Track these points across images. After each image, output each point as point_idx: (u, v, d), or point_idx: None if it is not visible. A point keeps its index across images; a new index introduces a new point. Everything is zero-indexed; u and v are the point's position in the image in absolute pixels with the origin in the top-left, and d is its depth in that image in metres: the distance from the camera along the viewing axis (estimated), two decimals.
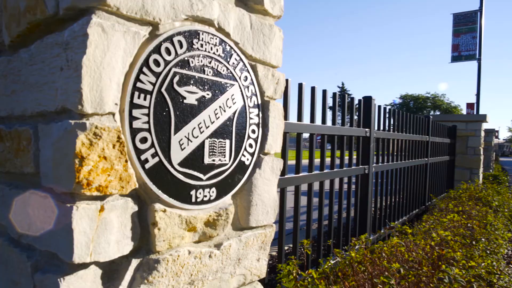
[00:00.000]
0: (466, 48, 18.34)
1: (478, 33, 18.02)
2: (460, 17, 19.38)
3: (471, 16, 18.89)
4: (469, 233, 3.31)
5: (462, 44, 18.68)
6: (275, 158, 1.34)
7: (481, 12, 18.26)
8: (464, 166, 7.50)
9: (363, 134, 3.47)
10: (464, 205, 4.66)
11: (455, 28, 19.31)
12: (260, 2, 1.25)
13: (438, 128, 6.18)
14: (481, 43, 17.46)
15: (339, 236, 3.21)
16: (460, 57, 18.28)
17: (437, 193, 6.24)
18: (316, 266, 2.74)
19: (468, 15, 19.12)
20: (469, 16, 19.03)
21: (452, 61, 18.72)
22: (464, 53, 18.30)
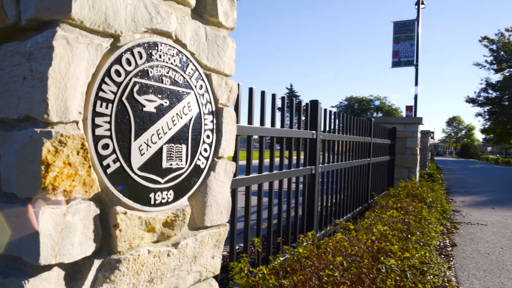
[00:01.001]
0: (405, 54, 19.55)
1: (415, 41, 19.28)
2: (400, 25, 20.60)
3: (410, 25, 20.15)
4: (405, 227, 3.61)
5: (401, 50, 19.87)
6: (228, 162, 1.43)
7: (418, 22, 19.54)
8: (403, 165, 8.05)
9: (310, 136, 3.66)
10: (402, 201, 5.03)
11: (395, 36, 20.50)
12: (215, 15, 1.34)
13: (380, 130, 6.59)
14: (418, 50, 18.71)
15: (288, 234, 3.37)
16: (400, 62, 19.45)
17: (379, 191, 6.66)
18: (267, 263, 2.86)
19: (406, 24, 20.38)
20: (407, 25, 20.28)
21: (392, 66, 19.88)
22: (403, 59, 19.50)
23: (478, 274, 3.99)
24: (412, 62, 18.89)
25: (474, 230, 6.01)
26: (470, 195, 10.60)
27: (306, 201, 3.69)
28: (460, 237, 5.56)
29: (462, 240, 5.38)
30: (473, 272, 4.05)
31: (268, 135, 2.92)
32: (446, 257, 4.54)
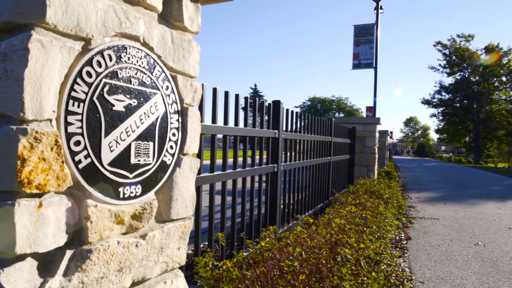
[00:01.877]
0: (365, 57, 20.24)
1: (374, 44, 20.00)
2: (360, 28, 21.28)
3: (369, 29, 20.88)
4: (363, 221, 3.81)
5: (361, 53, 20.55)
6: (193, 158, 1.51)
7: (377, 26, 20.29)
8: (362, 164, 8.39)
9: (273, 135, 3.79)
10: (361, 198, 5.27)
11: (355, 39, 21.17)
12: (180, 20, 1.42)
13: (340, 129, 6.85)
14: (377, 53, 19.44)
15: (251, 230, 3.48)
16: (360, 65, 20.12)
17: (340, 188, 6.92)
18: (231, 258, 2.96)
19: (366, 28, 21.09)
20: (367, 29, 20.99)
21: (353, 68, 20.53)
22: (363, 61, 20.18)
23: (429, 264, 4.28)
24: (371, 64, 19.59)
25: (427, 224, 6.39)
26: (425, 191, 11.18)
27: (269, 198, 3.82)
28: (415, 230, 5.90)
29: (416, 233, 5.71)
30: (425, 262, 4.33)
31: (232, 134, 3.01)
32: (401, 250, 4.82)
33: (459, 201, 9.32)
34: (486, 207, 8.40)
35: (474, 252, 4.80)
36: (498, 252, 4.80)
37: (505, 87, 41.40)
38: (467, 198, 9.98)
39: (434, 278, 3.83)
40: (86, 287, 1.05)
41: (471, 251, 4.82)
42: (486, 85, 41.17)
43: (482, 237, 5.56)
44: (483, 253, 4.76)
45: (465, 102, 43.56)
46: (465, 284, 3.68)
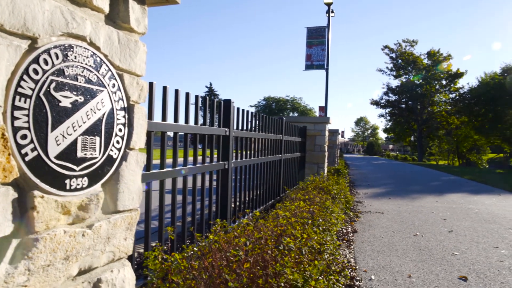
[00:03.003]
0: (317, 58, 20.83)
1: (326, 46, 20.64)
2: (312, 30, 21.85)
3: (321, 31, 21.49)
4: (310, 215, 4.01)
5: (314, 54, 21.12)
6: (140, 153, 1.59)
7: (328, 29, 20.95)
8: (313, 161, 8.71)
9: (223, 133, 3.89)
10: (309, 194, 5.50)
11: (308, 40, 21.71)
12: (127, 21, 1.49)
13: (291, 128, 7.09)
14: (328, 55, 20.08)
15: (202, 226, 3.56)
16: (312, 66, 20.69)
17: (291, 185, 7.15)
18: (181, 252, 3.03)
19: (318, 30, 21.69)
20: (319, 31, 21.60)
21: (306, 69, 21.06)
22: (316, 62, 20.76)
23: (372, 254, 4.57)
24: (323, 65, 20.21)
25: (372, 218, 6.76)
26: (372, 187, 11.76)
27: (220, 194, 3.92)
28: (361, 224, 6.24)
29: (362, 227, 6.04)
30: (369, 253, 4.62)
31: (182, 132, 3.08)
32: (348, 242, 5.09)
33: (402, 196, 9.92)
34: (425, 201, 9.01)
35: (413, 242, 5.18)
36: (433, 241, 5.21)
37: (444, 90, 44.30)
38: (409, 193, 10.63)
39: (376, 267, 4.11)
40: (33, 274, 1.10)
41: (410, 241, 5.20)
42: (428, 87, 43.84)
43: (421, 228, 5.99)
44: (420, 242, 5.15)
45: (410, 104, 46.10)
46: (403, 271, 3.99)
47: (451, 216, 7.14)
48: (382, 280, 3.73)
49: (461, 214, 7.31)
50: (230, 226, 3.48)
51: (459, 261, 4.36)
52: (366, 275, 3.85)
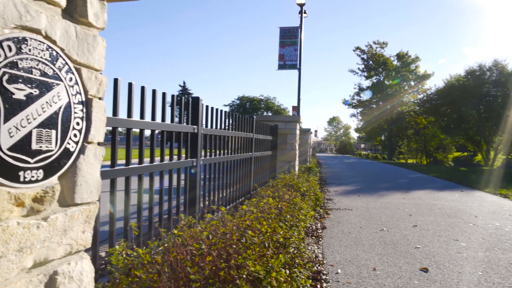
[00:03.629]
0: (290, 58, 21.03)
1: (299, 46, 20.87)
2: (285, 30, 22.04)
3: (294, 31, 21.72)
4: (278, 211, 4.09)
5: (286, 54, 21.32)
6: (98, 146, 1.59)
7: (301, 29, 21.19)
8: (284, 160, 8.81)
9: (192, 130, 3.91)
10: (279, 191, 5.59)
11: (281, 40, 21.90)
12: (85, 16, 1.50)
13: (262, 127, 7.15)
14: (301, 55, 20.32)
15: (170, 223, 3.56)
16: (285, 65, 20.88)
17: (262, 183, 7.22)
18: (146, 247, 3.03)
19: (291, 30, 21.91)
20: (292, 31, 21.82)
21: (279, 69, 21.22)
22: (288, 62, 20.96)
23: (340, 249, 4.69)
24: (296, 65, 20.42)
25: (342, 215, 6.92)
26: (343, 185, 12.01)
27: (188, 191, 3.93)
28: (330, 220, 6.38)
29: (331, 223, 6.18)
30: (336, 248, 4.74)
31: (149, 129, 3.07)
32: (317, 238, 5.20)
33: (371, 193, 10.19)
34: (393, 198, 9.30)
35: (379, 237, 5.35)
36: (398, 236, 5.40)
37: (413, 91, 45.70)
38: (378, 190, 10.94)
39: (343, 261, 4.22)
40: None
41: (376, 236, 5.37)
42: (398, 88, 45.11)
43: (387, 224, 6.19)
44: (386, 237, 5.32)
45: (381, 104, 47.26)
46: (368, 265, 4.12)
47: (416, 211, 7.40)
48: (348, 273, 3.85)
49: (425, 210, 7.58)
50: (197, 222, 3.49)
51: (422, 253, 4.55)
52: (333, 269, 3.96)
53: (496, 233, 5.65)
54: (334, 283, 3.58)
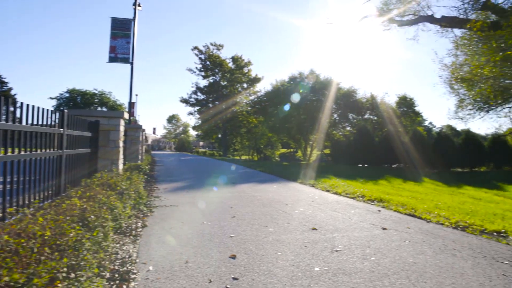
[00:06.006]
0: (122, 51, 20.00)
1: (132, 40, 20.01)
2: (117, 21, 20.85)
3: (127, 23, 20.73)
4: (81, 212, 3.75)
5: (118, 47, 20.20)
6: None
7: (134, 21, 20.37)
8: (107, 158, 8.26)
9: None
10: (93, 191, 5.18)
11: (113, 31, 20.63)
12: None
13: (77, 122, 6.52)
14: (133, 49, 19.53)
15: None
16: (117, 58, 19.74)
17: (77, 183, 6.58)
18: None
19: (124, 22, 20.85)
20: (125, 23, 20.78)
21: (109, 61, 19.95)
22: (120, 55, 19.90)
23: (157, 246, 4.61)
24: (128, 59, 19.54)
25: (167, 211, 6.86)
26: (174, 182, 12.00)
27: None
28: (153, 218, 6.24)
29: (154, 221, 6.05)
30: (153, 246, 4.64)
31: None
32: (135, 237, 5.00)
33: (201, 188, 10.46)
34: (220, 192, 9.73)
35: (199, 230, 5.48)
36: (217, 228, 5.63)
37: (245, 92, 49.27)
38: (207, 185, 11.31)
39: (157, 258, 4.16)
40: None
41: (196, 230, 5.48)
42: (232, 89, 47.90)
43: (209, 217, 6.40)
44: (205, 230, 5.49)
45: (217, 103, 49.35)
46: (182, 258, 4.16)
47: (238, 203, 7.90)
48: (160, 269, 3.81)
49: (246, 201, 8.16)
50: None
51: (234, 242, 4.85)
52: (144, 267, 3.87)
53: (298, 218, 6.47)
54: (143, 281, 3.49)
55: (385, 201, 8.56)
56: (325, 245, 4.75)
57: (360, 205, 8.13)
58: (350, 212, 7.13)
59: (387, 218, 6.65)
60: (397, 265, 4.04)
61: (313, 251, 4.48)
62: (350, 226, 5.88)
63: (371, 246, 4.77)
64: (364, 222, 6.26)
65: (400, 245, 4.87)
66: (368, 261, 4.14)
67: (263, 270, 3.80)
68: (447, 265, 4.11)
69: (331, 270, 3.83)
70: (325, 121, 32.12)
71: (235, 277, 3.62)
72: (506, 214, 8.90)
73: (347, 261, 4.14)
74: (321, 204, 7.99)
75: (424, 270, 3.92)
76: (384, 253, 4.48)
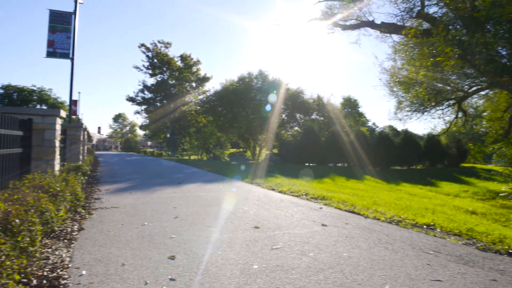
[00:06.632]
0: (61, 46, 18.95)
1: (72, 34, 19.03)
2: (56, 15, 19.73)
3: (67, 17, 19.67)
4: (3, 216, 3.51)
5: (57, 41, 19.12)
6: None
7: (75, 15, 19.39)
8: (41, 158, 7.78)
9: None
10: (21, 193, 4.86)
11: (51, 25, 19.50)
12: None
13: (6, 120, 6.09)
14: (74, 44, 18.58)
15: None
16: (55, 53, 18.67)
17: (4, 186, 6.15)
18: None
19: (64, 15, 19.78)
20: (64, 16, 19.71)
21: (47, 56, 18.81)
22: (59, 50, 18.84)
23: (93, 250, 4.42)
24: (68, 54, 18.56)
25: (106, 213, 6.60)
26: (117, 183, 11.58)
27: None
28: (92, 221, 5.98)
29: (92, 223, 5.79)
30: (89, 249, 4.45)
31: None
32: (69, 241, 4.77)
33: (144, 189, 10.18)
34: (164, 192, 9.53)
35: (139, 231, 5.32)
36: (158, 229, 5.51)
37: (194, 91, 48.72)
38: (152, 186, 11.03)
39: (92, 261, 3.99)
40: None
41: (136, 231, 5.32)
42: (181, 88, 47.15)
43: (151, 218, 6.24)
44: (145, 231, 5.35)
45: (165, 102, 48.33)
46: (118, 261, 4.02)
47: (182, 204, 7.78)
48: (94, 273, 3.66)
49: (191, 202, 8.07)
50: None
51: (175, 242, 4.77)
52: (77, 272, 3.70)
53: (242, 216, 6.50)
54: (74, 286, 3.34)
55: (327, 199, 8.85)
56: (265, 243, 4.82)
57: (303, 203, 8.34)
58: (293, 210, 7.29)
59: (328, 215, 6.88)
60: (333, 260, 4.19)
61: (254, 249, 4.53)
62: (291, 224, 6.01)
63: (310, 242, 4.90)
64: (305, 219, 6.43)
65: (337, 240, 5.05)
66: (306, 257, 4.26)
67: (202, 270, 3.78)
68: (379, 258, 4.33)
69: (270, 267, 3.89)
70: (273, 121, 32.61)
71: (172, 278, 3.57)
72: (437, 208, 9.56)
73: (285, 257, 4.23)
74: (266, 203, 8.10)
75: (358, 264, 4.10)
76: (322, 248, 4.63)
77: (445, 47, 10.71)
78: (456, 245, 5.06)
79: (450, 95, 20.09)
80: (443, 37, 10.87)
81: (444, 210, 9.75)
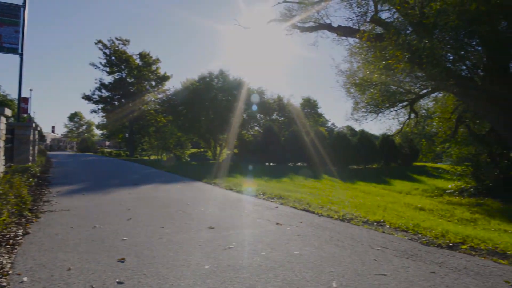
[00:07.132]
0: (10, 40, 17.94)
1: (21, 28, 18.08)
2: (3, 7, 18.66)
3: (15, 10, 18.66)
4: None
5: (5, 35, 18.09)
6: None
7: (24, 9, 18.44)
8: None
9: None
10: None
11: None
12: None
13: None
14: (23, 38, 17.67)
15: None
16: (3, 48, 17.66)
17: None
18: None
19: (12, 8, 18.75)
20: (13, 9, 18.69)
21: None
22: (7, 45, 17.84)
23: (37, 255, 4.22)
24: (17, 49, 17.61)
25: (56, 216, 6.33)
26: (70, 185, 11.13)
27: None
28: (39, 224, 5.71)
29: (39, 227, 5.54)
30: (33, 254, 4.25)
31: None
32: (12, 246, 4.54)
33: (98, 190, 9.86)
34: (119, 193, 9.28)
35: (89, 234, 5.15)
36: (109, 231, 5.35)
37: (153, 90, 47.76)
38: (106, 187, 10.70)
39: (35, 267, 3.82)
40: None
41: (86, 234, 5.14)
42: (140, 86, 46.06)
43: (103, 220, 6.06)
44: (96, 234, 5.18)
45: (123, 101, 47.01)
46: (64, 266, 3.87)
47: (137, 205, 7.61)
48: (36, 279, 3.51)
49: (146, 203, 7.91)
50: None
51: (126, 245, 4.66)
52: (18, 278, 3.53)
53: (197, 217, 6.46)
54: None
55: (284, 198, 8.98)
56: (219, 243, 4.82)
57: (260, 202, 8.42)
58: (250, 210, 7.34)
59: (283, 214, 6.98)
60: (284, 258, 4.26)
61: (206, 249, 4.52)
62: (246, 223, 6.05)
63: (264, 241, 4.96)
64: (261, 218, 6.49)
65: (290, 239, 5.14)
66: (258, 256, 4.30)
67: (151, 272, 3.73)
68: (329, 255, 4.45)
69: (221, 267, 3.90)
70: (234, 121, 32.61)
71: (120, 281, 3.49)
72: (388, 205, 9.97)
73: (237, 257, 4.25)
74: (223, 203, 8.10)
75: (308, 261, 4.19)
76: (274, 247, 4.69)
77: (395, 51, 11.22)
78: (402, 241, 5.30)
79: (403, 97, 20.99)
80: (394, 41, 11.38)
81: (395, 207, 10.18)
